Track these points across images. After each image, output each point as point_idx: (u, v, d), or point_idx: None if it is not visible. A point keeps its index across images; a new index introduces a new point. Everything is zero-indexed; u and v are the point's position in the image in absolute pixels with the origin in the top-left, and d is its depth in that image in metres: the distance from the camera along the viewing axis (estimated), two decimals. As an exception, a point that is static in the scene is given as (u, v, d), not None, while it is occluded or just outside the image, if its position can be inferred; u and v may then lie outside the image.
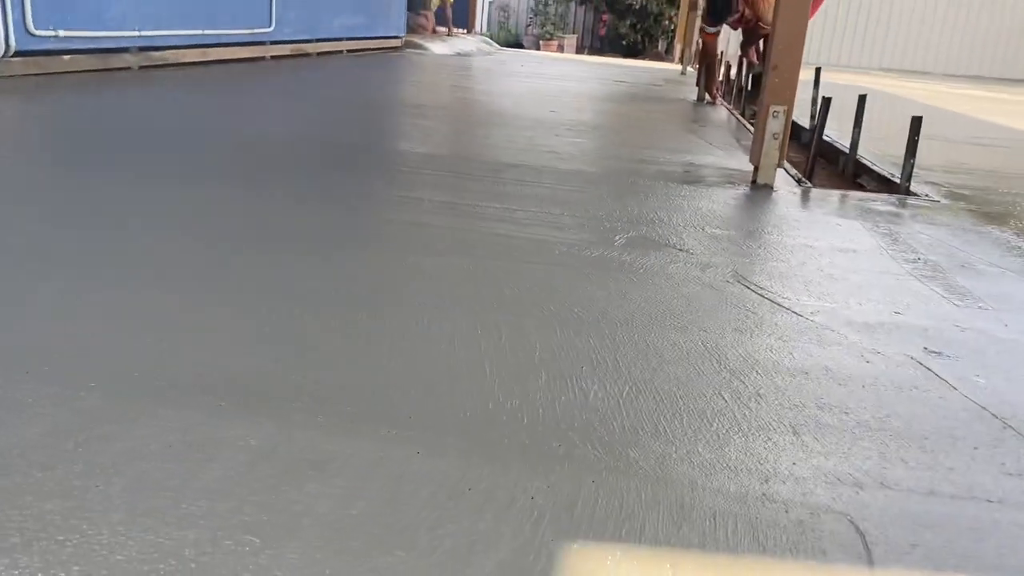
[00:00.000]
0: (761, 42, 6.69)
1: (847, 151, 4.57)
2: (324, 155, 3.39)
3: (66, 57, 5.07)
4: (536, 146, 3.99)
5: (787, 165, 4.04)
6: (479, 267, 2.04)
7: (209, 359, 1.40)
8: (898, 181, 3.77)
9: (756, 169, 3.35)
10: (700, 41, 7.01)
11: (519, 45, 17.18)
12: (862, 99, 4.58)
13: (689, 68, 11.01)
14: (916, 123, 3.66)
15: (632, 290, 1.95)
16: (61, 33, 4.91)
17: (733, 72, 7.60)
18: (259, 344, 1.48)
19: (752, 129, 5.33)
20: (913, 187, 3.69)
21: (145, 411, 1.21)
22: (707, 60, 6.75)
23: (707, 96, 6.86)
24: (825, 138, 5.58)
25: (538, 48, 16.32)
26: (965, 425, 1.39)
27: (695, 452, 1.23)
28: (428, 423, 1.25)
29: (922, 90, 11.53)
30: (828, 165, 5.10)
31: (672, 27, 16.16)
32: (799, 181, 3.63)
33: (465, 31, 14.38)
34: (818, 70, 5.95)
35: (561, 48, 16.26)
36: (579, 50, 16.57)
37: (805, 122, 5.18)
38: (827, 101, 4.05)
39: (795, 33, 3.17)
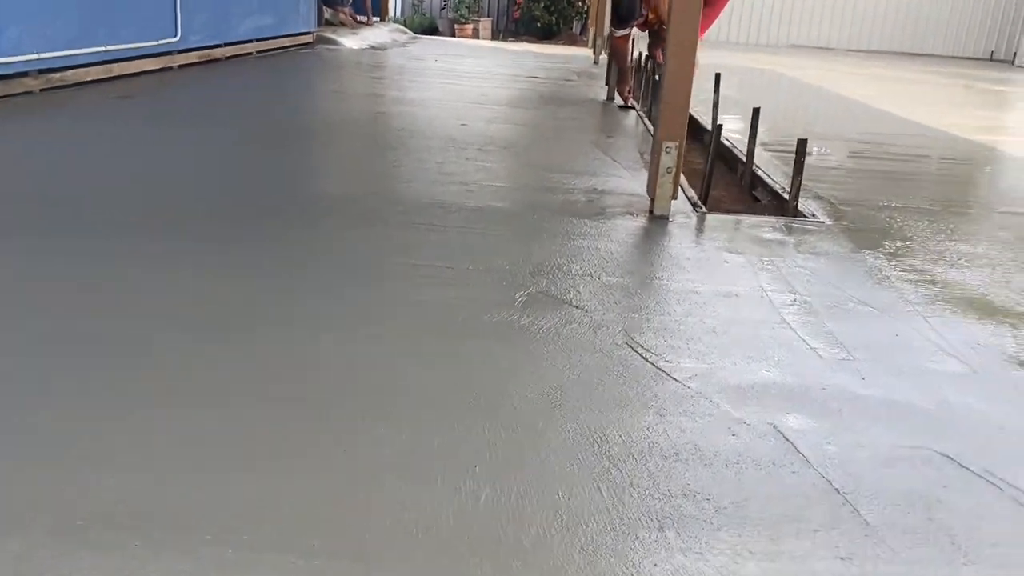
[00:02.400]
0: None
1: (745, 158, 4.79)
2: (211, 203, 3.43)
3: (-39, 87, 4.94)
4: (446, 175, 4.09)
5: (684, 185, 4.24)
6: (378, 352, 2.15)
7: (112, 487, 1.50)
8: (788, 198, 4.01)
9: (652, 200, 3.53)
10: (610, 45, 7.16)
11: (434, 29, 17.10)
12: (756, 112, 4.81)
13: (602, 56, 11.19)
14: (801, 145, 3.89)
15: (527, 364, 2.10)
16: (-46, 64, 4.78)
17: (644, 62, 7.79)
18: (134, 463, 1.58)
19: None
20: (802, 204, 3.94)
21: (45, 556, 1.31)
22: (617, 63, 6.92)
23: (618, 97, 7.04)
24: (725, 142, 5.83)
25: (453, 33, 16.27)
26: (812, 504, 1.59)
27: (571, 560, 1.39)
28: (332, 549, 1.38)
29: (829, 71, 11.93)
30: (728, 172, 5.34)
31: (586, 8, 16.29)
32: (695, 206, 3.83)
33: (379, 19, 14.28)
34: (718, 76, 6.17)
35: (476, 32, 16.24)
36: (494, 34, 16.58)
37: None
38: (719, 128, 4.25)
39: (683, 72, 3.34)
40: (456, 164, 4.35)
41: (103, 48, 6.20)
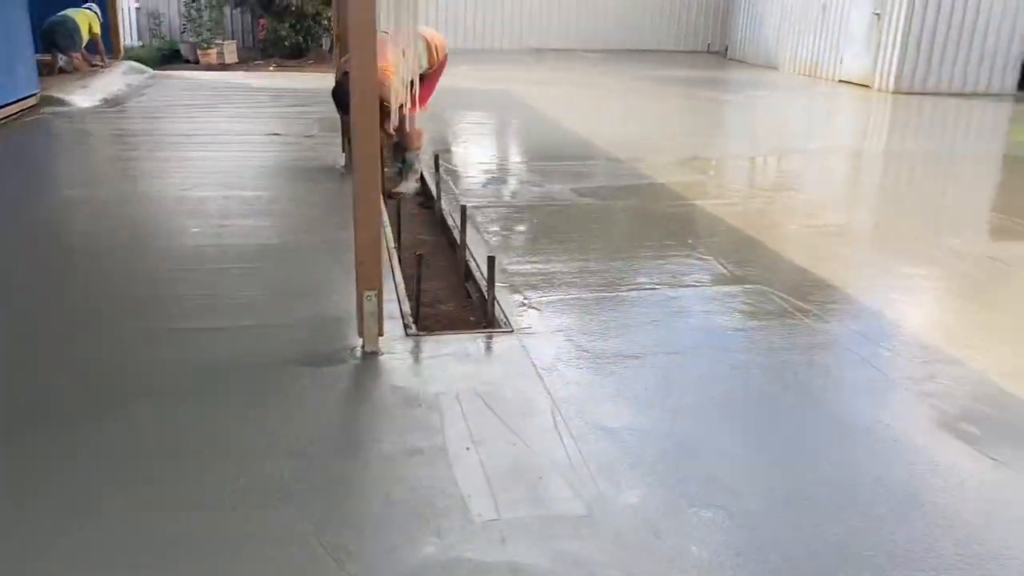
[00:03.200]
0: (394, 116, 7.38)
1: (464, 239, 5.38)
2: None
3: None
4: (175, 323, 4.35)
5: (401, 292, 4.76)
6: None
7: None
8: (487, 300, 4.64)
9: (363, 338, 4.02)
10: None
11: (176, 53, 16.59)
12: (463, 210, 5.43)
13: (345, 95, 11.51)
14: (491, 262, 4.52)
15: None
16: None
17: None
18: None
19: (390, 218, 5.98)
20: (500, 299, 4.57)
21: None
22: (349, 136, 7.31)
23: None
24: (449, 218, 6.44)
25: (197, 60, 15.88)
26: None
27: None
28: None
29: (560, 86, 12.76)
30: (450, 250, 5.93)
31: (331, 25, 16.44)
32: (407, 327, 4.32)
33: (111, 59, 13.73)
34: (436, 157, 6.74)
35: (222, 57, 15.94)
36: (240, 58, 16.34)
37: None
38: (420, 257, 4.76)
39: (373, 238, 3.85)
40: (187, 302, 4.59)
41: None
